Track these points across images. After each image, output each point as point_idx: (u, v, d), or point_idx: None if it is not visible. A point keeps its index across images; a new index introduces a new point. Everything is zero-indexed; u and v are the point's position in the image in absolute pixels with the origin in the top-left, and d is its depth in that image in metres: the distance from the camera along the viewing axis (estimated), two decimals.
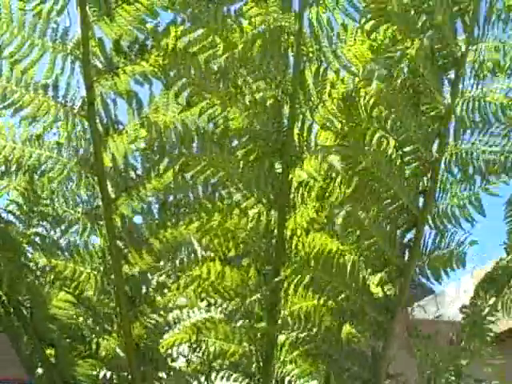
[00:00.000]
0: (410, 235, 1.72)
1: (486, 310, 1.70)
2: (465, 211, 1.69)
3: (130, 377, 1.69)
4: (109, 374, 1.79)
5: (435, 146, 1.69)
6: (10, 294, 1.78)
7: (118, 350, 1.72)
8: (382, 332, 1.68)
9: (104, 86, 1.69)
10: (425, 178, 1.70)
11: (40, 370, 1.78)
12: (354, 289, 1.62)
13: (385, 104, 1.61)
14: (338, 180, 1.66)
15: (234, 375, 1.74)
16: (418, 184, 1.70)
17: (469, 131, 1.68)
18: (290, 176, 1.70)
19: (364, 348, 1.71)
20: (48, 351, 1.78)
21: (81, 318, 1.82)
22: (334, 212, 1.60)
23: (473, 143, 1.68)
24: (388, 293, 1.69)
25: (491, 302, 1.70)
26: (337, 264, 1.61)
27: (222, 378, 1.72)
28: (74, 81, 1.70)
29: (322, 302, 1.65)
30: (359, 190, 1.62)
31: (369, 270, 1.68)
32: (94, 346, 1.76)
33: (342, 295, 1.62)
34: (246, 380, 1.71)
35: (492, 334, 1.76)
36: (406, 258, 1.71)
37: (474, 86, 1.65)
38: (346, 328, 1.69)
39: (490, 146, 1.66)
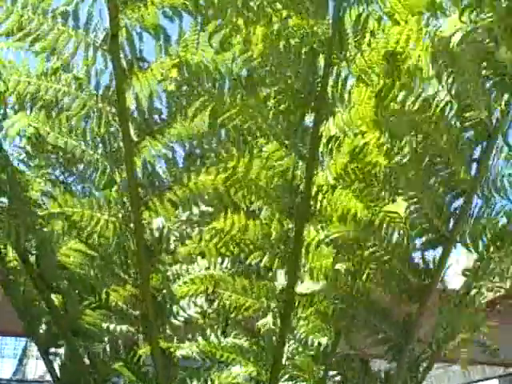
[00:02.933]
0: (457, 202, 1.69)
1: (488, 274, 1.69)
2: None
3: (145, 327, 1.64)
4: (119, 327, 1.75)
5: (496, 115, 1.65)
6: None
7: (132, 300, 1.66)
8: (417, 297, 1.67)
9: (130, 17, 1.57)
10: (480, 146, 1.66)
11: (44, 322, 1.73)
12: (395, 254, 1.60)
13: (456, 67, 1.54)
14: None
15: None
16: (473, 151, 1.66)
17: None
18: (321, 130, 1.64)
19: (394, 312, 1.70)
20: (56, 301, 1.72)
21: (88, 267, 1.75)
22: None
23: None
24: (428, 258, 1.68)
25: (494, 266, 1.68)
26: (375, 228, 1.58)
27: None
28: (96, 10, 1.58)
29: (348, 262, 1.62)
30: (415, 152, 1.57)
31: (412, 234, 1.65)
32: (103, 296, 1.70)
33: (382, 258, 1.60)
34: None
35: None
36: (451, 224, 1.68)
37: None
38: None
39: None
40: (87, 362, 1.77)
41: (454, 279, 1.86)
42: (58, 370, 1.83)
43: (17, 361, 7.80)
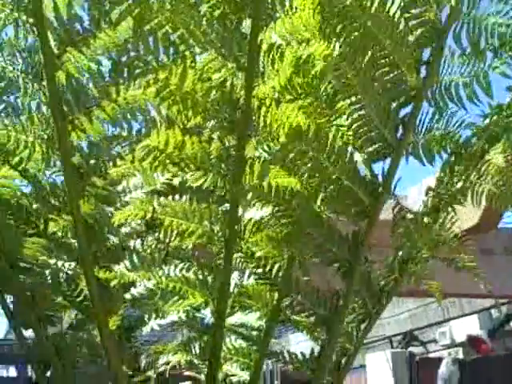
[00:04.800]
0: (405, 110, 1.55)
1: (455, 188, 1.55)
2: (470, 90, 1.50)
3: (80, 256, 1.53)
4: (60, 261, 1.66)
5: (445, 12, 1.49)
6: None
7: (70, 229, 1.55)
8: (365, 214, 1.54)
9: None
10: (429, 48, 1.50)
11: None
12: (338, 165, 1.47)
13: None
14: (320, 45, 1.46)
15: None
16: (421, 53, 1.51)
17: None
18: (260, 37, 1.49)
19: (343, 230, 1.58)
20: None
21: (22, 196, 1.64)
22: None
23: (488, 13, 1.46)
24: (375, 172, 1.55)
25: (459, 185, 1.55)
26: (316, 138, 1.45)
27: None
28: None
29: (294, 179, 1.49)
30: (353, 53, 1.42)
31: (356, 145, 1.51)
32: (41, 225, 1.59)
33: (326, 172, 1.47)
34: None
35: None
36: (399, 134, 1.54)
37: None
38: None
39: (508, 20, 1.45)
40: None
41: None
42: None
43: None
